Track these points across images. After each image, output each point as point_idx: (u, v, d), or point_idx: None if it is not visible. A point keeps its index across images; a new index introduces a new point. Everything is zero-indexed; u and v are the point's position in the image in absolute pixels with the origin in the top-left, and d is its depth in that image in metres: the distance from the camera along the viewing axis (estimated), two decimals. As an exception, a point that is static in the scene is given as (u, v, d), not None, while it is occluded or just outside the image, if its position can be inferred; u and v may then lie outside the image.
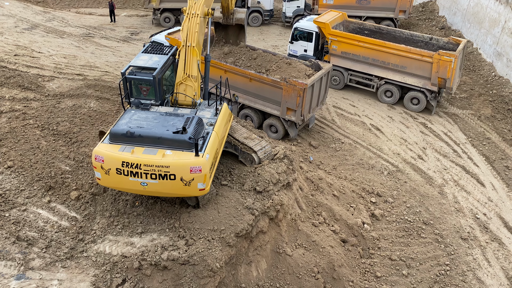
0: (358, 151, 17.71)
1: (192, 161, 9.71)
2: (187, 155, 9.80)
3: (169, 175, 9.74)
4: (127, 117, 10.75)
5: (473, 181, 16.41)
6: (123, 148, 10.00)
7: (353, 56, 21.47)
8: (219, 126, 11.26)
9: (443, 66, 19.17)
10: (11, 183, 11.94)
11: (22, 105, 15.78)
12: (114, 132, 10.17)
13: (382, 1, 29.26)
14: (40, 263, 10.02)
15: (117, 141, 10.14)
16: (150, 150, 9.93)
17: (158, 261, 9.74)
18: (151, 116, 10.79)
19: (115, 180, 10.13)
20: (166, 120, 10.62)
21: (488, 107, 21.14)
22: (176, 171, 9.72)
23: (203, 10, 12.40)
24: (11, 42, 23.36)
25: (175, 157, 9.77)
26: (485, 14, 25.65)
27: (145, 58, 12.20)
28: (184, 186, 9.88)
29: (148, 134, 10.02)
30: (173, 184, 9.87)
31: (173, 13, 30.90)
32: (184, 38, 11.99)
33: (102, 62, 23.06)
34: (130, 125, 10.34)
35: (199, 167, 9.70)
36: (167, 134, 9.98)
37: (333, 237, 12.48)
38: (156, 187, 9.98)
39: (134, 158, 9.75)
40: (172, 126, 10.27)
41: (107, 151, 9.99)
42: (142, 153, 9.83)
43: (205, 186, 10.07)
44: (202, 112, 11.75)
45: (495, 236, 13.94)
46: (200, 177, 9.82)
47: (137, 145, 10.03)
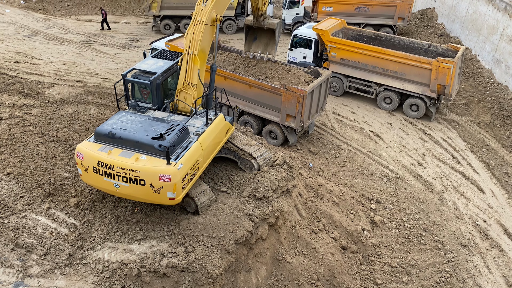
0: (357, 157, 17.71)
1: (162, 169, 9.62)
2: (159, 162, 9.75)
3: (139, 180, 9.73)
4: (115, 118, 10.87)
5: (473, 187, 16.40)
6: (103, 148, 10.14)
7: (352, 63, 21.55)
8: (205, 136, 10.98)
9: (442, 73, 19.24)
10: (10, 189, 11.91)
11: (22, 112, 15.80)
12: (97, 131, 10.36)
13: (381, 8, 29.44)
14: (38, 270, 9.97)
15: (100, 140, 10.33)
16: (127, 153, 9.98)
17: (157, 268, 9.70)
18: (138, 120, 10.81)
19: (92, 178, 10.31)
20: (150, 125, 10.61)
21: (487, 114, 21.18)
22: (146, 177, 9.68)
23: (211, 16, 11.95)
24: (11, 49, 23.44)
25: (147, 162, 9.76)
26: (484, 21, 25.79)
27: (150, 62, 12.30)
28: (154, 193, 9.82)
29: (128, 137, 10.09)
30: (143, 190, 9.85)
31: (173, 20, 31.07)
32: (186, 45, 11.81)
33: (102, 69, 23.13)
34: (114, 126, 10.43)
35: (168, 176, 9.58)
36: (145, 139, 9.99)
37: (333, 244, 12.44)
38: (127, 190, 10.01)
39: (109, 159, 9.85)
40: (153, 132, 10.24)
41: (87, 149, 10.17)
42: (118, 155, 9.91)
43: (175, 196, 9.89)
44: (194, 121, 11.55)
45: (495, 243, 13.91)
46: (170, 186, 9.68)
47: (117, 147, 10.13)
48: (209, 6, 11.91)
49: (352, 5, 29.53)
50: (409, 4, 29.35)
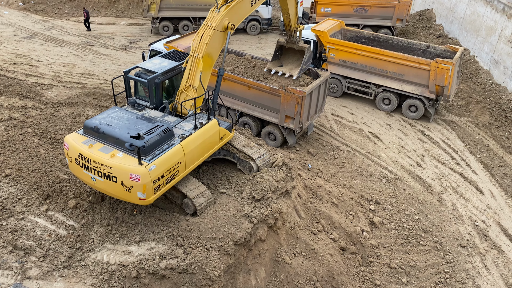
0: (356, 158, 17.72)
1: (133, 168, 9.68)
2: (132, 161, 9.81)
3: (111, 177, 9.88)
4: (106, 113, 11.05)
5: (472, 188, 16.42)
6: (87, 141, 10.39)
7: (351, 64, 21.57)
8: (190, 140, 10.86)
9: (440, 73, 19.27)
10: (8, 191, 11.89)
11: (20, 114, 15.78)
12: (86, 124, 10.63)
13: (380, 9, 29.48)
14: (37, 272, 9.95)
15: (87, 133, 10.61)
16: (107, 148, 10.15)
17: (156, 270, 9.68)
18: (127, 117, 10.91)
19: (75, 169, 10.72)
20: (136, 123, 10.68)
21: (486, 115, 21.22)
22: (118, 174, 9.80)
23: (222, 23, 11.89)
24: (10, 51, 23.41)
25: (121, 160, 9.86)
26: (482, 22, 25.85)
27: (156, 61, 12.38)
28: (125, 191, 9.93)
29: (110, 133, 10.25)
30: (115, 186, 9.98)
31: (172, 21, 31.07)
32: (193, 47, 11.80)
33: (100, 71, 23.11)
34: (102, 121, 10.62)
35: (138, 176, 9.62)
36: (124, 137, 10.08)
37: (332, 245, 12.44)
38: (102, 185, 10.22)
39: (88, 153, 10.10)
40: (135, 130, 10.33)
41: (72, 141, 10.51)
42: (97, 150, 10.12)
43: (145, 197, 9.91)
44: (185, 124, 11.49)
45: (494, 244, 13.92)
46: (139, 186, 9.71)
47: (100, 142, 10.34)
48: (221, 13, 11.87)
49: (351, 7, 29.57)
50: (408, 5, 29.40)
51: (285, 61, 17.62)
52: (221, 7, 12.01)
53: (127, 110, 11.55)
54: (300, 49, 16.94)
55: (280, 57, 17.68)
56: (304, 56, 16.75)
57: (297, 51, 17.12)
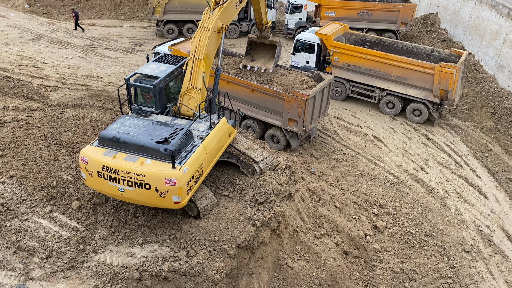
0: (360, 162, 17.68)
1: (168, 172, 9.62)
2: (164, 166, 9.73)
3: (144, 184, 9.72)
4: (119, 122, 10.83)
5: (476, 193, 16.34)
6: (107, 153, 10.11)
7: (355, 67, 21.57)
8: (209, 140, 11.00)
9: (444, 78, 19.23)
10: (13, 192, 11.94)
11: (25, 115, 15.86)
12: (102, 136, 10.33)
13: (384, 13, 29.47)
14: (40, 273, 9.97)
15: (104, 145, 10.30)
16: (132, 157, 9.97)
17: (159, 272, 9.68)
18: (142, 124, 10.79)
19: (97, 183, 10.29)
20: (155, 129, 10.58)
21: (490, 119, 21.13)
22: (151, 181, 9.67)
23: (217, 25, 12.31)
24: (15, 53, 23.56)
25: (152, 166, 9.74)
26: (487, 26, 25.79)
27: (153, 66, 12.33)
28: (159, 197, 9.81)
29: (132, 141, 10.07)
30: (148, 194, 9.83)
31: (176, 24, 31.21)
32: (193, 50, 11.98)
33: (105, 73, 23.22)
34: (119, 130, 10.40)
35: (174, 180, 9.58)
36: (150, 143, 9.97)
37: (335, 249, 12.40)
38: (132, 194, 10.00)
39: (114, 164, 9.84)
40: (157, 136, 10.22)
41: (91, 154, 10.14)
42: (122, 159, 9.89)
43: (180, 200, 9.88)
44: (197, 125, 11.58)
45: (498, 249, 13.83)
46: (175, 190, 9.69)
47: (122, 151, 10.11)
48: (215, 15, 12.26)
49: (355, 10, 29.58)
50: (412, 9, 29.39)
51: (256, 56, 18.27)
52: (214, 9, 12.40)
53: (138, 117, 11.45)
54: (271, 43, 17.58)
55: (251, 52, 18.29)
56: (277, 50, 17.48)
57: (268, 45, 17.79)
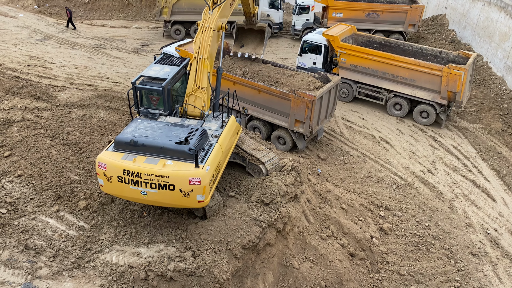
0: (366, 164, 17.61)
1: (192, 172, 9.67)
2: (187, 166, 9.76)
3: (168, 185, 9.73)
4: (133, 126, 10.80)
5: (484, 195, 16.20)
6: (126, 157, 10.06)
7: (362, 69, 21.49)
8: (223, 138, 11.16)
9: (452, 79, 19.10)
10: (20, 191, 12.04)
11: (33, 115, 15.99)
12: (118, 140, 10.27)
13: (392, 14, 29.34)
14: (47, 272, 10.04)
15: (121, 149, 10.23)
16: (152, 159, 9.95)
17: (164, 272, 9.71)
18: (156, 126, 10.80)
19: (117, 188, 10.19)
20: (170, 130, 10.61)
21: (499, 121, 20.95)
22: (175, 181, 9.69)
23: (217, 24, 12.45)
24: (24, 53, 23.77)
25: (175, 167, 9.75)
26: (495, 28, 25.58)
27: (156, 68, 12.34)
28: (183, 197, 9.84)
29: (151, 144, 10.05)
30: (172, 195, 9.85)
31: (184, 25, 31.28)
32: (196, 50, 12.08)
33: (113, 73, 23.34)
34: (134, 133, 10.38)
35: (198, 179, 9.65)
36: (169, 144, 9.97)
37: (341, 250, 12.35)
38: (155, 196, 9.98)
39: (135, 167, 9.80)
40: (175, 137, 10.24)
41: (110, 159, 10.07)
42: (143, 162, 9.87)
43: (204, 198, 9.94)
44: (208, 124, 11.74)
45: (506, 252, 13.70)
46: (199, 188, 9.75)
47: (140, 154, 10.08)
48: (215, 14, 12.41)
49: (363, 11, 29.46)
50: (420, 10, 29.22)
51: (245, 41, 18.60)
52: (213, 8, 12.54)
53: (152, 120, 11.44)
54: (260, 28, 17.93)
55: (239, 38, 18.64)
56: (265, 34, 17.87)
57: (256, 31, 18.21)
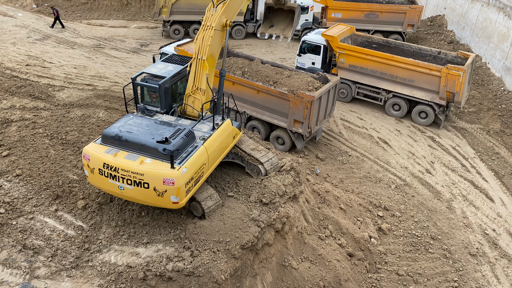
0: (365, 164, 17.62)
1: (166, 172, 9.65)
2: (163, 166, 9.77)
3: (143, 183, 9.79)
4: (123, 121, 10.92)
5: (482, 196, 16.23)
6: (109, 150, 10.21)
7: (361, 69, 21.51)
8: (211, 141, 10.98)
9: (451, 80, 19.13)
10: (19, 191, 12.02)
11: (32, 114, 15.96)
12: (105, 133, 10.45)
13: (391, 15, 29.38)
14: (45, 271, 10.03)
15: (106, 142, 10.42)
16: (133, 156, 10.03)
17: (163, 272, 9.71)
18: (145, 123, 10.84)
19: (98, 180, 10.39)
20: (157, 128, 10.63)
21: (497, 122, 20.99)
22: (150, 180, 9.73)
23: (220, 22, 11.89)
24: (23, 52, 23.73)
25: (151, 166, 9.79)
26: (494, 29, 25.62)
27: (160, 66, 12.39)
28: (157, 197, 9.86)
29: (134, 140, 10.14)
30: (146, 193, 9.90)
31: (183, 25, 31.27)
32: (196, 50, 11.81)
33: (111, 73, 23.32)
34: (121, 128, 10.49)
35: (172, 180, 9.61)
36: (150, 142, 10.02)
37: (339, 250, 12.36)
38: (131, 193, 10.07)
39: (114, 162, 9.93)
40: (159, 135, 10.26)
41: (93, 151, 10.27)
42: (123, 158, 9.98)
43: (178, 200, 9.90)
44: (200, 126, 11.57)
45: (504, 253, 13.73)
46: (173, 190, 9.71)
47: (123, 149, 10.18)
48: (219, 11, 11.87)
49: (362, 12, 29.49)
50: (419, 11, 29.26)
51: (275, 21, 17.34)
52: (217, 5, 11.98)
53: (142, 116, 11.52)
54: (289, 8, 16.67)
55: (269, 17, 17.39)
56: (295, 15, 16.52)
57: (286, 11, 16.88)
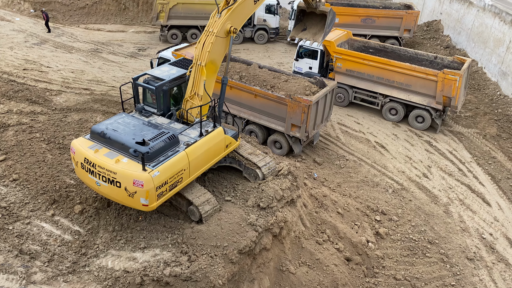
0: (362, 168, 17.65)
1: (137, 174, 9.73)
2: (136, 167, 9.85)
3: (115, 182, 9.96)
4: (113, 119, 11.14)
5: (479, 200, 16.27)
6: (93, 146, 10.48)
7: (358, 74, 21.59)
8: (195, 148, 10.86)
9: (448, 84, 19.22)
10: (15, 196, 11.97)
11: (29, 119, 15.94)
12: (92, 129, 10.76)
13: (387, 20, 29.54)
14: (42, 277, 9.97)
15: (93, 138, 10.74)
16: (113, 154, 10.23)
17: (160, 277, 9.67)
18: (133, 123, 10.98)
19: (81, 173, 10.78)
20: (142, 129, 10.75)
21: (494, 126, 21.08)
22: (121, 179, 9.87)
23: (224, 28, 11.54)
24: (20, 57, 23.72)
25: (125, 166, 9.92)
26: (490, 34, 25.80)
27: (165, 69, 12.54)
28: (129, 197, 9.98)
29: (116, 139, 10.34)
30: (118, 192, 10.05)
31: (180, 30, 31.34)
32: (196, 55, 11.70)
33: (109, 77, 23.32)
34: (109, 126, 10.71)
35: (141, 182, 9.68)
36: (129, 143, 10.15)
37: (337, 255, 12.35)
38: (106, 189, 10.30)
39: (93, 157, 10.20)
40: (141, 136, 10.38)
41: (79, 145, 10.61)
42: (103, 155, 10.20)
43: (148, 203, 9.93)
44: (190, 131, 11.52)
45: (501, 257, 13.75)
46: (142, 192, 9.76)
47: (106, 147, 10.43)
48: (223, 18, 11.53)
49: (358, 17, 29.65)
50: (415, 16, 29.45)
51: (309, 24, 16.60)
52: (222, 11, 11.66)
53: (134, 116, 11.63)
54: (322, 12, 15.89)
55: (303, 19, 16.61)
56: (327, 19, 15.76)
57: (319, 15, 16.11)
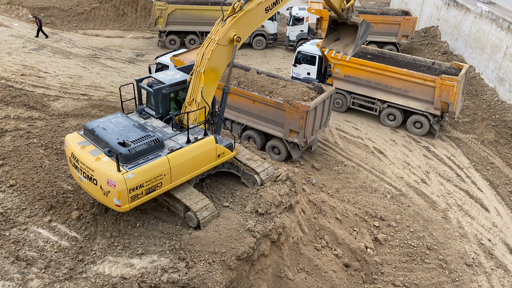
0: (361, 174, 17.64)
1: (111, 174, 9.80)
2: (112, 167, 9.91)
3: (93, 179, 10.12)
4: (107, 118, 11.36)
5: (477, 206, 16.26)
6: (82, 142, 10.75)
7: (356, 79, 21.65)
8: (179, 154, 10.70)
9: (445, 90, 19.28)
10: (12, 201, 11.90)
11: (26, 124, 15.89)
12: (85, 126, 11.08)
13: (385, 26, 29.68)
14: (38, 283, 9.88)
15: (86, 134, 11.02)
16: (97, 151, 10.43)
17: (157, 284, 9.60)
18: (124, 124, 11.11)
19: (70, 167, 11.13)
20: (129, 130, 10.83)
21: (492, 132, 21.13)
22: (98, 177, 10.00)
23: (227, 36, 11.21)
24: (18, 62, 23.69)
25: (103, 165, 10.03)
26: (487, 40, 25.93)
27: (170, 73, 12.72)
28: (104, 195, 10.08)
29: (102, 137, 10.53)
30: (95, 189, 10.19)
31: (179, 35, 31.43)
32: (197, 61, 11.57)
33: (107, 83, 23.31)
34: (100, 124, 10.93)
35: (114, 182, 9.74)
36: (112, 142, 10.27)
37: (335, 261, 12.30)
38: (86, 186, 10.55)
39: (78, 153, 10.48)
40: (126, 137, 10.49)
41: (69, 140, 10.96)
42: (87, 152, 10.41)
43: (120, 204, 9.95)
44: (180, 137, 11.43)
45: (500, 263, 13.72)
46: (115, 192, 9.80)
47: (93, 144, 10.67)
48: (226, 25, 11.20)
49: (356, 23, 29.74)
50: (413, 22, 29.60)
51: (342, 34, 16.32)
52: (227, 18, 11.39)
53: (129, 117, 11.69)
54: (353, 24, 15.60)
55: (337, 29, 16.35)
56: (358, 31, 15.39)
57: (351, 26, 15.90)
